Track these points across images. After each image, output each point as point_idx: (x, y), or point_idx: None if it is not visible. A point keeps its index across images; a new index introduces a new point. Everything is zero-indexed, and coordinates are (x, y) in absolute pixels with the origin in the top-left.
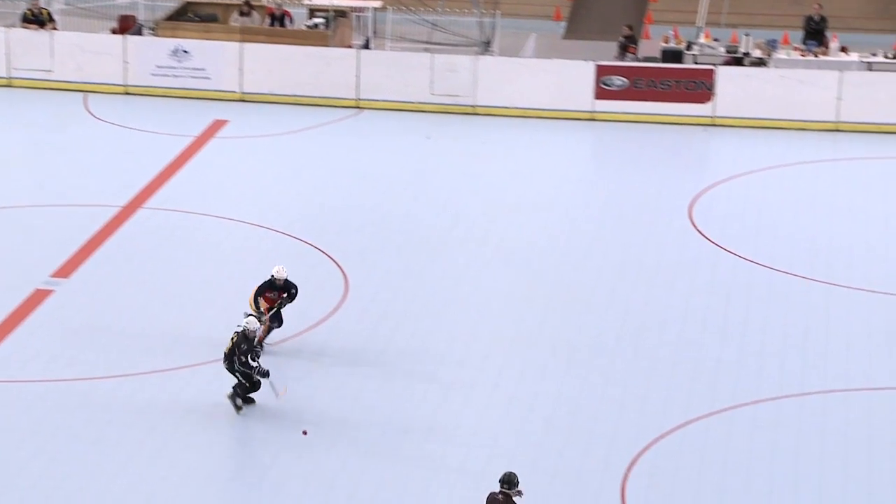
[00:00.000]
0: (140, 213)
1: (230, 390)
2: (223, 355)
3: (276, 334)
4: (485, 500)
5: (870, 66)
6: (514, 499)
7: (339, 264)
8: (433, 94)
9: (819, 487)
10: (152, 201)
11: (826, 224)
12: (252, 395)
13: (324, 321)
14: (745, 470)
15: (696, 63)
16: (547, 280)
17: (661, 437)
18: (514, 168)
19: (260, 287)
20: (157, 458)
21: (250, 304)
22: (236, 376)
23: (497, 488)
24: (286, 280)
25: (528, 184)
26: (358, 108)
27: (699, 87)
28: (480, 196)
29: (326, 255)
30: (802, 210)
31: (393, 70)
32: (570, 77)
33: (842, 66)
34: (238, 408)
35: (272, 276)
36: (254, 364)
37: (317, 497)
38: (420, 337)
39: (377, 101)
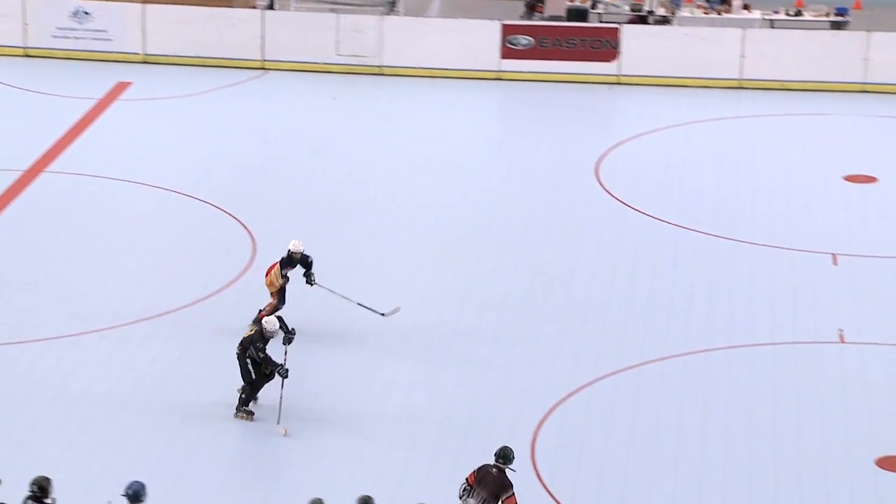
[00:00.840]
0: (42, 178)
1: (238, 406)
2: (240, 341)
3: (184, 297)
4: (476, 469)
5: (772, 24)
6: (507, 474)
7: (247, 226)
8: (339, 55)
9: (725, 440)
10: (54, 165)
11: (731, 181)
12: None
13: (231, 284)
14: (652, 425)
15: (602, 22)
16: (455, 240)
17: (570, 394)
18: (421, 129)
19: (281, 263)
20: (61, 433)
21: (273, 282)
22: (247, 365)
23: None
24: (303, 254)
25: (436, 144)
26: (263, 69)
27: (604, 46)
28: (388, 157)
29: (233, 217)
30: (707, 167)
31: (298, 31)
32: (476, 37)
33: (744, 24)
34: (250, 414)
35: (289, 251)
36: (275, 362)
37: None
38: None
39: (283, 62)
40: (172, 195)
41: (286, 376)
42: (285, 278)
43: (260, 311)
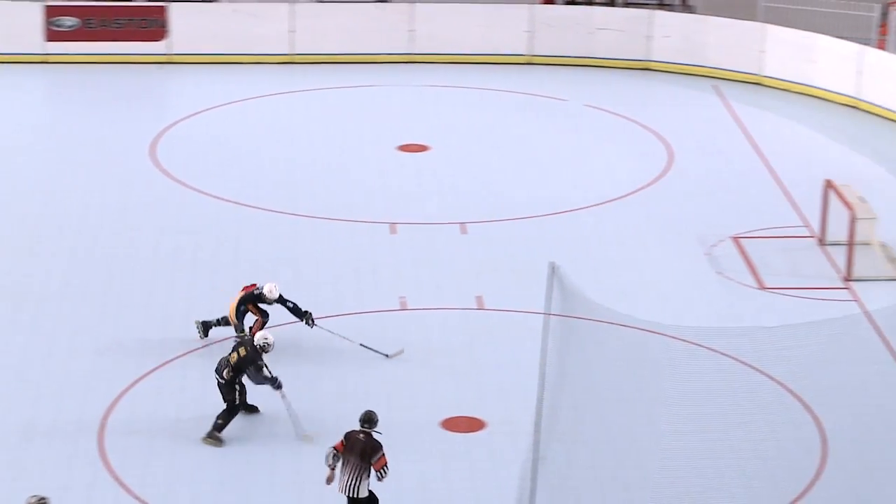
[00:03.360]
0: None
1: (211, 431)
2: (223, 365)
3: None
4: (343, 437)
5: None
6: (375, 436)
7: None
8: None
9: (298, 410)
10: None
11: (287, 156)
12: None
13: None
14: (199, 411)
15: (150, 0)
16: (6, 232)
17: (138, 380)
18: None
19: (245, 297)
20: None
21: (231, 315)
22: (232, 391)
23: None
24: (280, 296)
25: None
26: None
27: (152, 25)
28: None
29: None
30: (263, 144)
31: None
32: (18, 19)
33: None
34: (221, 441)
35: (262, 292)
36: (271, 375)
37: None
38: None
39: None
40: None
41: (281, 387)
42: (241, 314)
43: (240, 334)
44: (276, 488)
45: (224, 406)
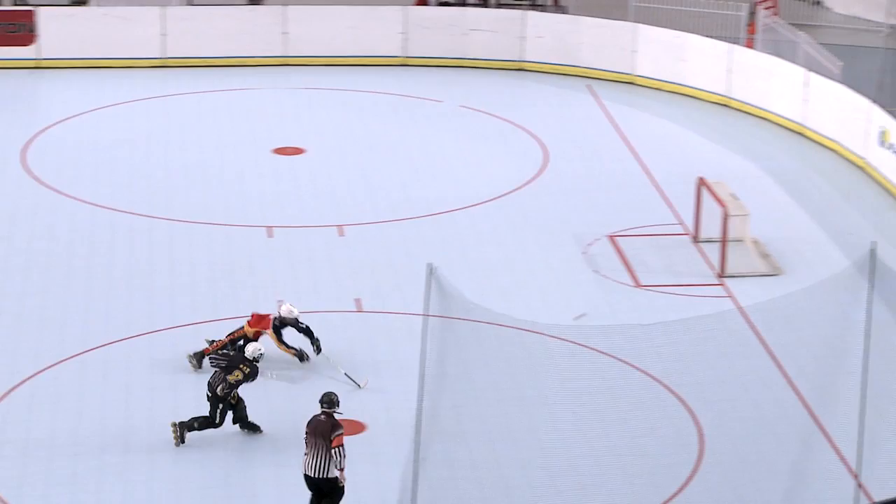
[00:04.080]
0: None
1: (182, 422)
2: (218, 380)
3: None
4: (308, 423)
5: (190, 1)
6: (336, 417)
7: None
8: None
9: (194, 412)
10: None
11: (162, 160)
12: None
13: None
14: (100, 413)
15: (17, 4)
16: None
17: (11, 390)
18: None
19: (277, 326)
20: None
21: (277, 344)
22: (216, 406)
23: None
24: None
25: None
26: None
27: (21, 30)
28: None
29: None
30: (138, 148)
31: None
32: None
33: (164, 2)
34: (182, 441)
35: (282, 315)
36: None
37: None
38: None
39: None
40: None
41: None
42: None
43: (226, 350)
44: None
45: (206, 413)
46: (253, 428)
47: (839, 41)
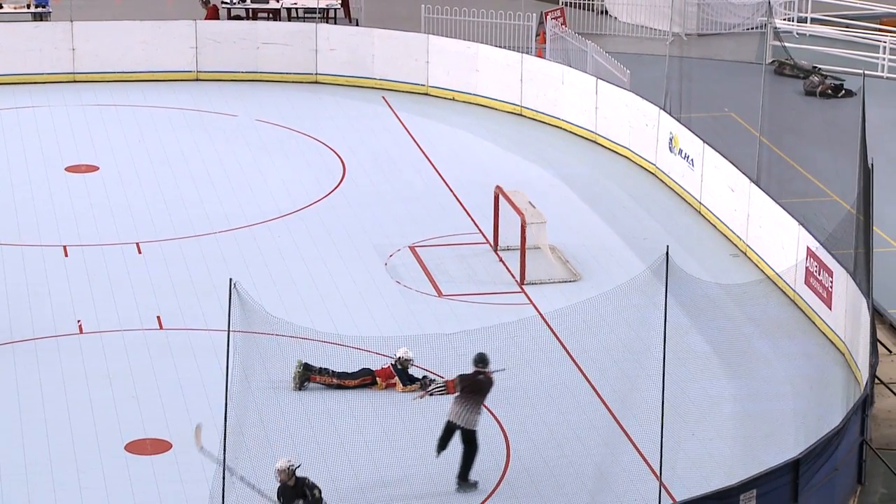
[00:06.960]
0: None
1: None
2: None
3: None
4: (460, 381)
5: None
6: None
7: None
8: None
9: None
10: None
11: None
12: None
13: None
14: None
15: None
16: None
17: None
18: None
19: (401, 371)
20: None
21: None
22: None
23: None
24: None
25: None
26: None
27: None
28: None
29: None
30: None
31: None
32: None
33: None
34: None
35: (403, 358)
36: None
37: None
38: None
39: None
40: None
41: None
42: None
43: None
44: None
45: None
46: None
47: (626, 49)
